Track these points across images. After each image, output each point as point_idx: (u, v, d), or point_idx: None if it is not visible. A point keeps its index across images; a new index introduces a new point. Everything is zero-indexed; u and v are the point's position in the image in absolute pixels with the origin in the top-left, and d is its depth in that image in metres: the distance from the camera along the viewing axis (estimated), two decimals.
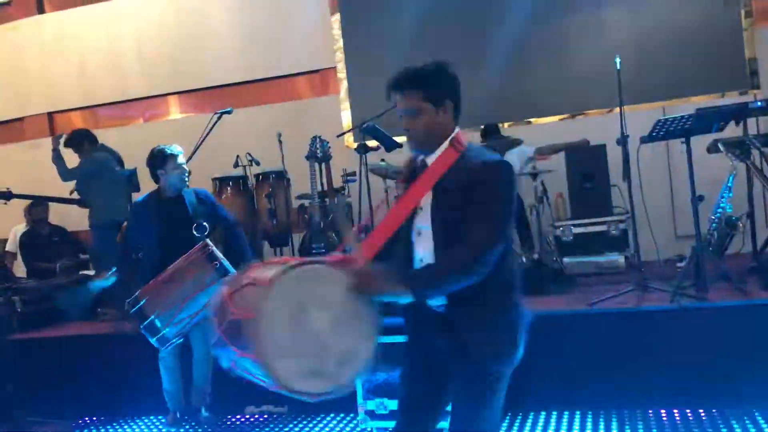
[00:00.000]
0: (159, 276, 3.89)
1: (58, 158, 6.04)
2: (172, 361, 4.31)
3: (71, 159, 6.21)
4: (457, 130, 2.26)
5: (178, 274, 3.84)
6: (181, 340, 4.02)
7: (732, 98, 6.14)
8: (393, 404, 3.79)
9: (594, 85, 6.43)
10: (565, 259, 5.53)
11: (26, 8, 8.88)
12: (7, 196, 6.13)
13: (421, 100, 2.23)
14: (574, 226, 5.73)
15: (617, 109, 4.76)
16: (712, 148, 4.86)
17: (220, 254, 3.89)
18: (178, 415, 4.46)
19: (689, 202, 4.37)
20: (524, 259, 5.24)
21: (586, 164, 5.88)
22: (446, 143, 2.23)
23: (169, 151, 4.22)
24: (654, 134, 4.40)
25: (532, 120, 7.04)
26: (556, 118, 6.93)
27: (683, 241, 5.87)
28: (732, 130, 4.89)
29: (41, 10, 8.90)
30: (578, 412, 3.93)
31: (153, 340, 3.80)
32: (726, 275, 4.29)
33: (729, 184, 4.68)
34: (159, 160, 4.21)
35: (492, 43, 6.99)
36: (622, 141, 4.60)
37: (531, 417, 3.96)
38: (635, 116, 5.38)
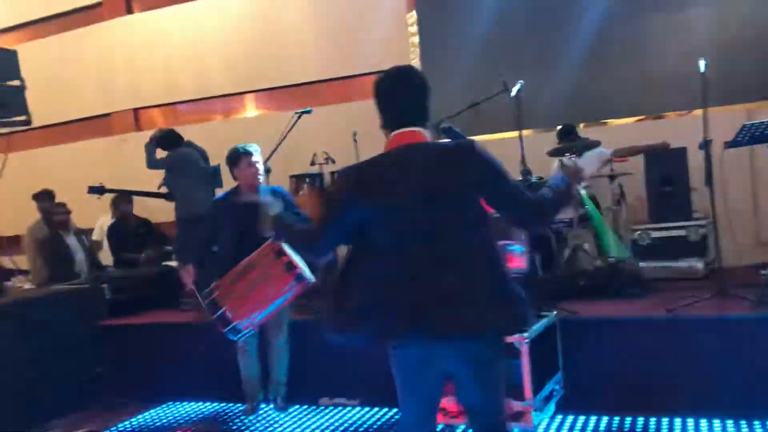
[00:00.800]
0: (232, 269, 4.08)
1: (150, 146, 6.30)
2: (250, 352, 4.51)
3: (159, 153, 6.48)
4: (392, 134, 2.40)
5: (250, 269, 4.03)
6: (254, 331, 4.20)
7: None
8: None
9: (674, 86, 6.28)
10: (642, 264, 5.43)
11: (116, 9, 9.28)
12: (101, 190, 6.43)
13: None
14: (653, 229, 5.63)
15: (697, 111, 4.65)
16: None
17: (289, 250, 4.02)
18: (255, 404, 4.63)
19: None
20: (599, 263, 5.19)
21: (665, 167, 5.76)
22: None
23: (241, 150, 4.43)
24: (739, 139, 4.28)
25: (608, 121, 6.93)
26: (633, 120, 6.81)
27: (767, 248, 5.70)
28: None
29: (130, 11, 9.28)
30: (653, 419, 3.89)
31: (225, 331, 3.98)
32: None
33: None
34: (233, 158, 4.45)
35: (569, 41, 6.90)
36: (705, 146, 4.50)
37: (605, 421, 3.94)
38: (717, 118, 5.21)
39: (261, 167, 4.49)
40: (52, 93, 8.87)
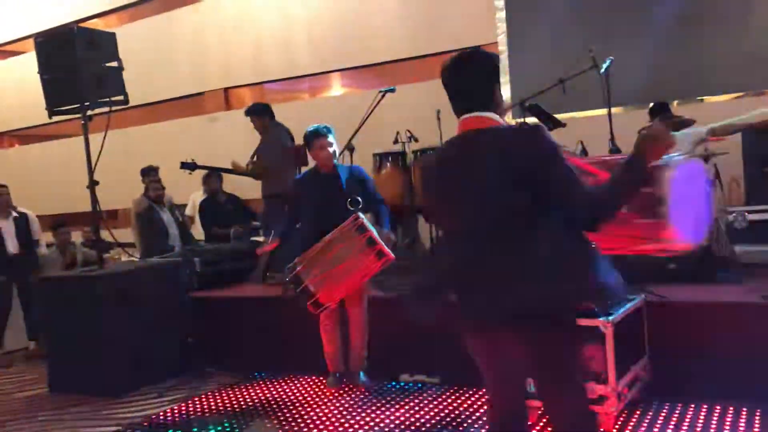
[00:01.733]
0: (315, 245, 4.24)
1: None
2: (330, 325, 4.62)
3: (247, 126, 6.61)
4: (459, 120, 2.43)
5: (332, 244, 4.19)
6: (334, 306, 4.35)
7: None
8: None
9: None
10: (737, 247, 5.19)
11: None
12: (192, 166, 6.68)
13: None
14: (749, 212, 5.37)
15: None
16: None
17: (370, 226, 4.19)
18: (337, 376, 4.75)
19: None
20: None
21: (765, 147, 5.47)
22: None
23: (312, 132, 4.57)
24: None
25: (704, 98, 6.62)
26: (731, 97, 6.48)
27: None
28: None
29: None
30: (744, 408, 3.74)
31: (307, 304, 4.18)
32: None
33: None
34: (307, 141, 4.61)
35: (663, 11, 6.61)
36: None
37: (692, 409, 3.82)
38: None
39: (334, 148, 4.57)
40: (148, 73, 9.24)
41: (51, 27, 9.56)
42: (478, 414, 4.07)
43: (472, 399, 4.34)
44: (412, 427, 3.96)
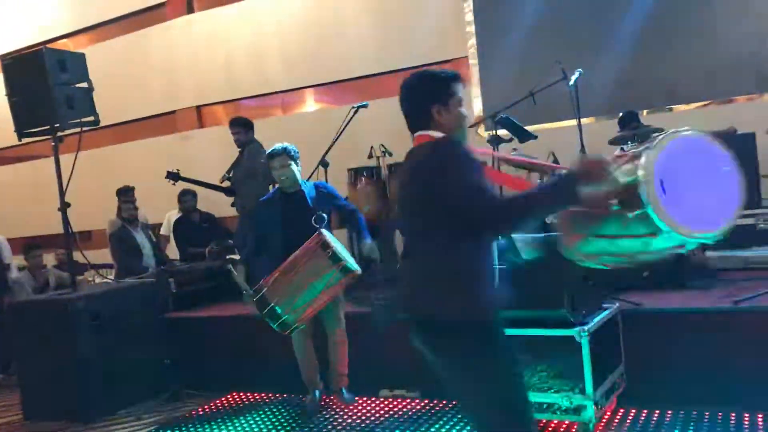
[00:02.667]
0: (281, 265, 4.16)
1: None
2: (303, 345, 4.54)
3: (222, 143, 6.56)
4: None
5: (296, 263, 4.10)
6: (303, 326, 4.23)
7: None
8: None
9: (742, 70, 6.07)
10: (708, 253, 5.27)
11: (178, 9, 9.53)
12: (176, 177, 6.66)
13: None
14: None
15: (767, 96, 4.49)
16: None
17: (334, 242, 4.13)
18: (316, 395, 4.65)
19: None
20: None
21: (732, 154, 5.55)
22: None
23: (270, 152, 4.52)
24: None
25: (673, 107, 6.73)
26: (699, 105, 6.60)
27: None
28: None
29: (191, 10, 9.51)
30: (719, 412, 3.78)
31: (274, 326, 4.06)
32: None
33: None
34: (268, 160, 4.56)
35: (630, 24, 6.72)
36: None
37: (668, 414, 3.86)
38: None
39: (293, 168, 4.48)
40: (119, 92, 9.16)
41: (19, 48, 9.49)
42: (458, 427, 4.07)
43: (453, 412, 4.34)
44: None
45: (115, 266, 7.16)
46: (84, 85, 5.41)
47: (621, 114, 6.03)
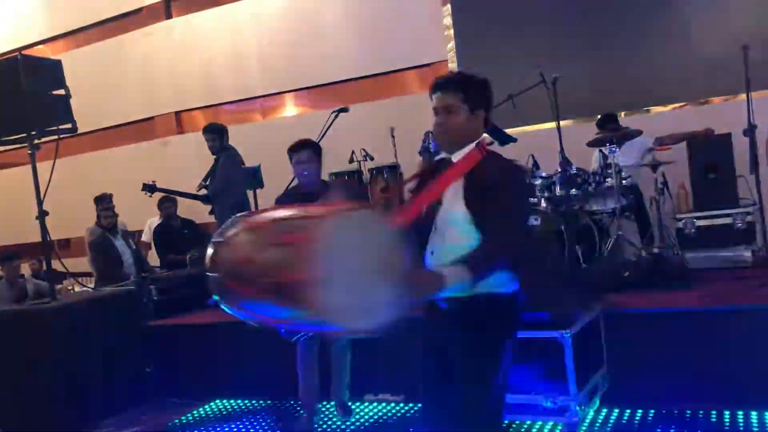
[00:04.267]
0: None
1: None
2: (306, 360, 4.15)
3: (201, 149, 6.54)
4: (483, 136, 2.49)
5: None
6: (312, 333, 3.84)
7: None
8: None
9: (718, 71, 6.16)
10: (688, 254, 5.33)
11: (155, 15, 9.47)
12: (152, 188, 6.58)
13: (460, 101, 2.44)
14: (698, 218, 5.52)
15: (743, 96, 4.55)
16: None
17: None
18: (311, 419, 4.28)
19: None
20: (644, 254, 5.11)
21: (709, 154, 5.63)
22: (472, 145, 2.45)
23: (291, 146, 4.17)
24: None
25: (650, 108, 6.81)
26: (676, 106, 6.68)
27: None
28: None
29: (169, 16, 9.47)
30: (700, 411, 3.82)
31: (282, 331, 3.70)
32: None
33: None
34: (288, 155, 4.18)
35: (608, 27, 6.81)
36: (750, 132, 4.39)
37: (651, 414, 3.89)
38: (763, 102, 5.11)
39: (313, 164, 4.16)
40: (97, 99, 9.10)
41: None
42: None
43: None
44: None
45: (95, 274, 7.08)
46: (61, 91, 5.34)
47: (600, 116, 6.09)
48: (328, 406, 4.61)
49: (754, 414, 3.70)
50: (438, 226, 2.42)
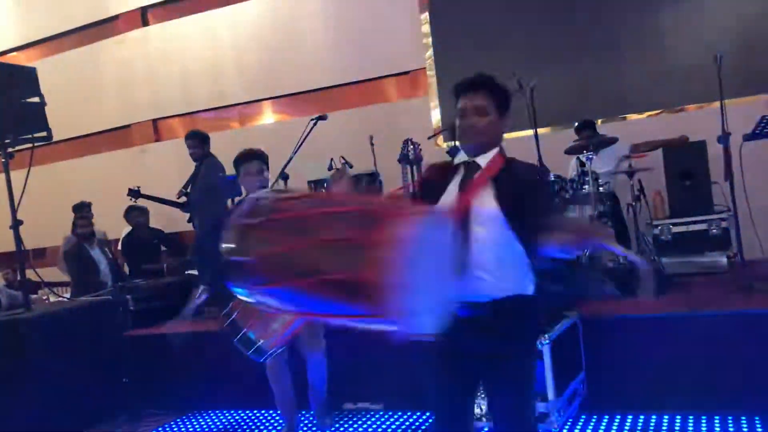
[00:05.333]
0: None
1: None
2: (277, 374, 4.09)
3: (178, 157, 6.49)
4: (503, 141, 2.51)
5: None
6: (281, 349, 3.78)
7: None
8: None
9: (692, 79, 6.23)
10: (664, 259, 5.39)
11: (132, 22, 9.40)
12: (137, 194, 6.52)
13: (492, 103, 2.44)
14: (673, 224, 5.58)
15: (717, 103, 4.62)
16: None
17: None
18: (293, 424, 4.22)
19: None
20: (621, 260, 5.15)
21: (685, 161, 5.71)
22: (497, 149, 2.47)
23: (239, 157, 4.03)
24: (758, 132, 4.25)
25: (626, 116, 6.88)
26: (652, 114, 6.76)
27: None
28: None
29: (145, 23, 9.40)
30: (678, 417, 3.85)
31: (249, 353, 3.60)
32: None
33: None
34: (235, 166, 4.07)
35: (584, 36, 6.87)
36: (724, 140, 4.45)
37: (629, 420, 3.91)
38: (737, 110, 5.18)
39: (265, 175, 4.06)
40: (73, 106, 9.00)
41: None
42: None
43: (417, 423, 4.33)
44: None
45: (72, 284, 7.00)
46: (36, 99, 5.28)
47: (577, 123, 6.14)
48: (308, 416, 4.58)
49: (730, 419, 3.75)
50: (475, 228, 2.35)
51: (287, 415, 4.22)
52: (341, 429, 4.43)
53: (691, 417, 3.82)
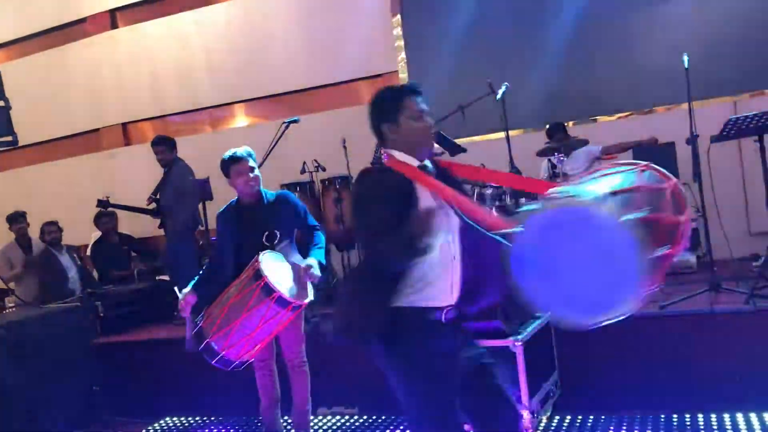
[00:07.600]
0: (221, 294, 3.58)
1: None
2: (264, 375, 3.94)
3: (148, 161, 6.42)
4: None
5: (229, 294, 3.53)
6: (249, 361, 3.67)
7: None
8: None
9: (661, 81, 6.30)
10: None
11: (100, 24, 9.26)
12: (106, 204, 6.45)
13: None
14: None
15: (685, 105, 4.68)
16: None
17: (268, 271, 3.43)
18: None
19: (764, 199, 4.26)
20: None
21: (654, 162, 5.75)
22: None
23: (228, 157, 3.80)
24: (725, 133, 4.30)
25: (597, 118, 6.95)
26: (622, 116, 6.83)
27: (757, 239, 5.72)
28: None
29: (114, 26, 9.27)
30: (650, 417, 3.89)
31: (213, 363, 3.54)
32: None
33: None
34: (223, 169, 3.84)
35: (554, 39, 6.92)
36: (692, 141, 4.51)
37: (602, 419, 3.94)
38: (705, 112, 5.26)
39: (257, 173, 3.83)
40: (40, 111, 8.85)
41: None
42: None
43: (391, 428, 4.32)
44: None
45: (40, 291, 6.87)
46: (0, 103, 5.18)
47: (548, 125, 6.19)
48: (289, 421, 4.53)
49: (700, 416, 3.79)
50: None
51: (270, 422, 4.03)
52: None
53: (662, 415, 3.86)
